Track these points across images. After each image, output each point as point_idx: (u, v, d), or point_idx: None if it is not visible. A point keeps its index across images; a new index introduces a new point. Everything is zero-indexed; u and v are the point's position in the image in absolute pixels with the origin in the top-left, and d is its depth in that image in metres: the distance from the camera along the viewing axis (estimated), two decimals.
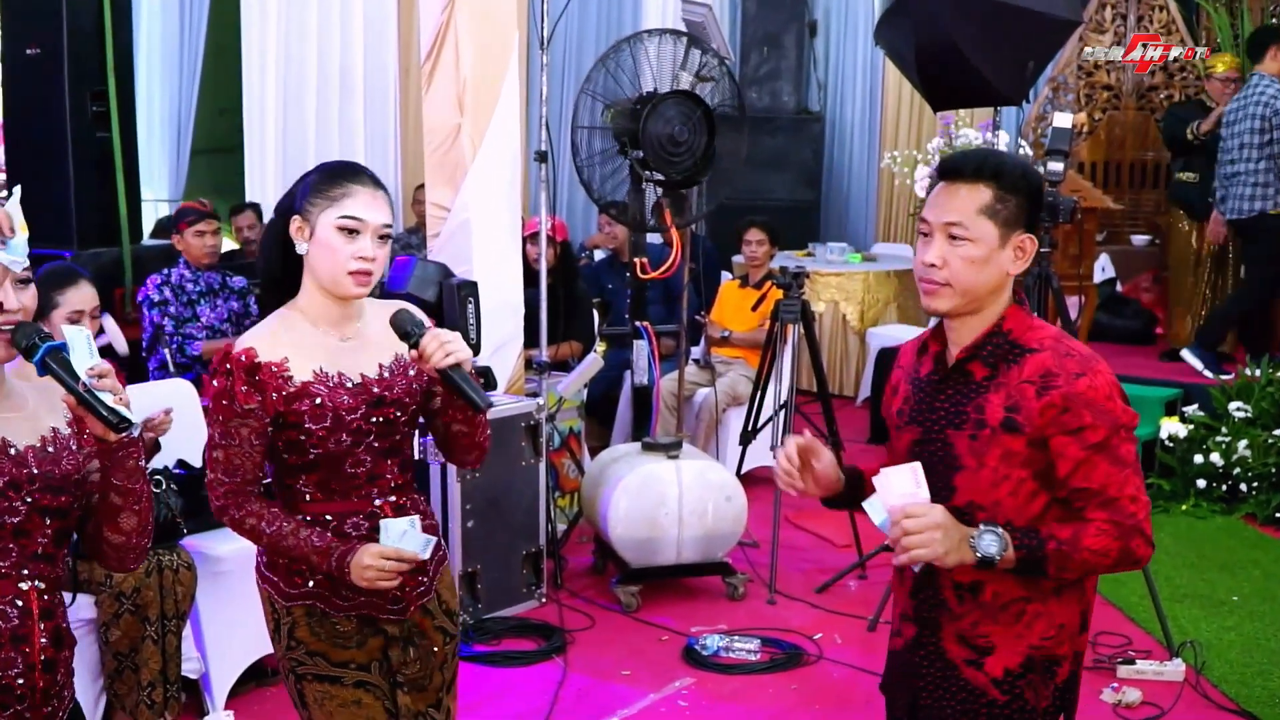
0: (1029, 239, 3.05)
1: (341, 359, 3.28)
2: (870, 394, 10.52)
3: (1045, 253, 6.57)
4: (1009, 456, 2.97)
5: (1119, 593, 6.88)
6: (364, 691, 3.37)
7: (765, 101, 13.74)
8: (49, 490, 2.74)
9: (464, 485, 6.28)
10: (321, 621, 3.32)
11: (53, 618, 2.80)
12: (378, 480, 3.32)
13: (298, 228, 3.25)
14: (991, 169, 3.03)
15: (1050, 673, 3.05)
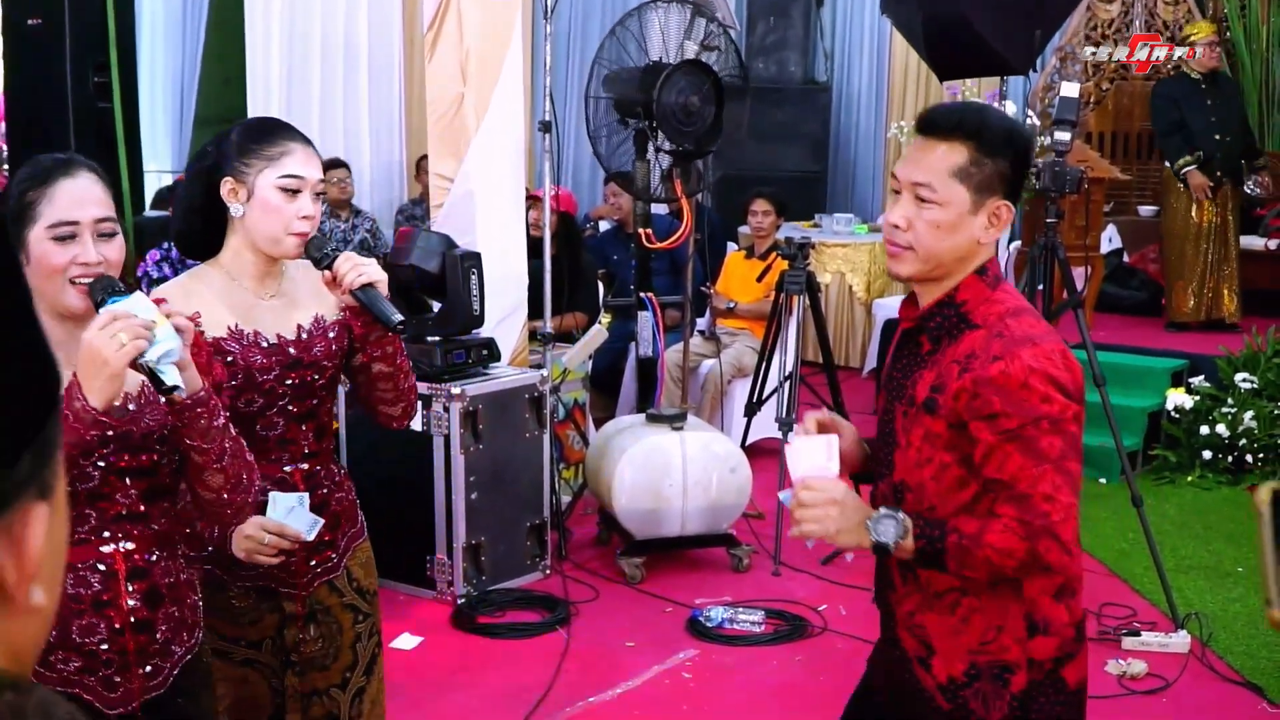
0: (1006, 206, 2.81)
1: (258, 318, 3.20)
2: (876, 365, 10.49)
3: (1052, 223, 6.55)
4: (931, 438, 2.78)
5: (1124, 564, 6.88)
6: (250, 669, 3.29)
7: (771, 72, 13.68)
8: (126, 450, 2.71)
9: (468, 457, 6.26)
10: (216, 594, 3.21)
11: (146, 577, 2.76)
12: (289, 445, 3.23)
13: (231, 189, 3.14)
14: (971, 127, 2.78)
15: (1002, 681, 2.80)
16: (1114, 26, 12.08)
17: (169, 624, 2.82)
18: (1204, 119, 9.64)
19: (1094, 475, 8.39)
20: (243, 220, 3.17)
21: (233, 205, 3.16)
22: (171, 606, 2.82)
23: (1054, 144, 6.55)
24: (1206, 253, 9.74)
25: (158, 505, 2.78)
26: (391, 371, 3.30)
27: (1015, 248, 10.35)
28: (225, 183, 3.16)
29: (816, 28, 13.87)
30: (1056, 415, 2.70)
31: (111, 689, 2.74)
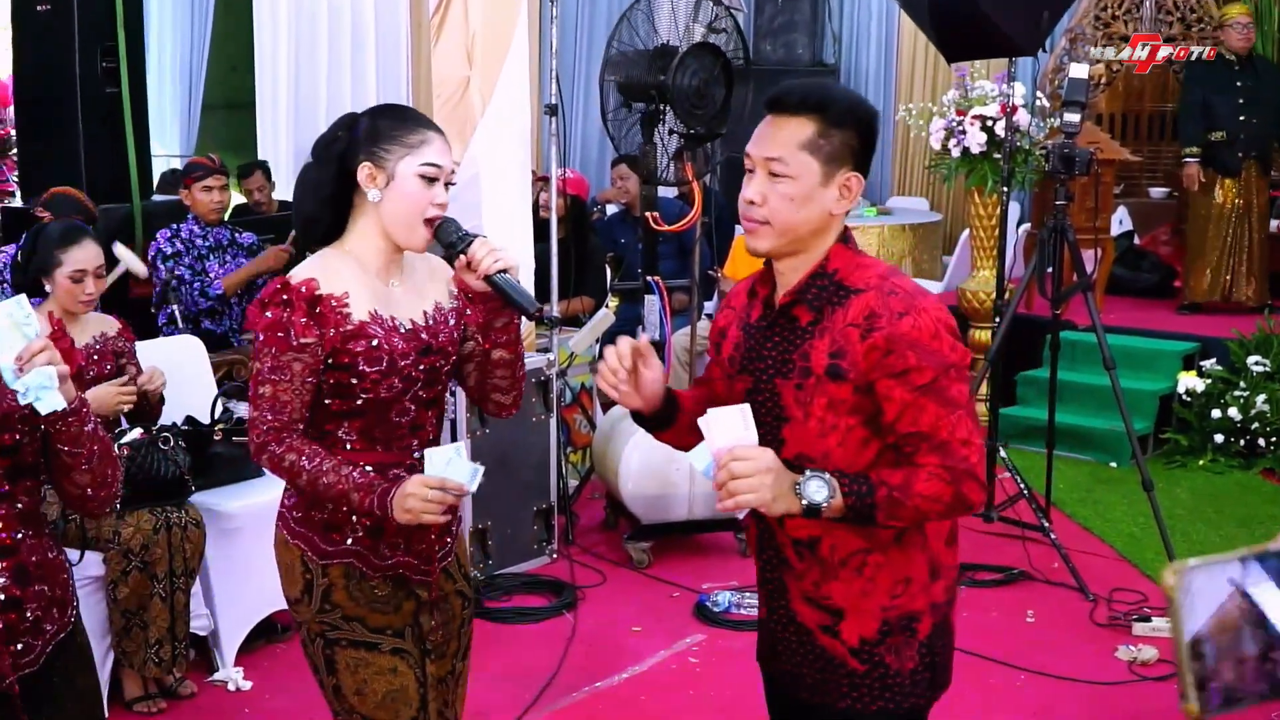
0: (855, 177, 2.88)
1: (392, 304, 3.18)
2: None
3: (1061, 205, 6.52)
4: (835, 405, 2.82)
5: (1134, 549, 6.86)
6: (399, 659, 3.26)
7: (779, 54, 13.64)
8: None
9: (475, 441, 6.25)
10: (360, 584, 3.21)
11: (14, 554, 2.76)
12: (419, 431, 3.21)
13: (369, 174, 3.11)
14: (816, 101, 2.85)
15: (910, 631, 2.91)
16: (1124, 7, 12.03)
17: (38, 602, 2.81)
18: (1232, 100, 9.61)
19: (1104, 459, 8.37)
20: (378, 206, 3.14)
21: (370, 190, 3.13)
22: (40, 585, 2.82)
23: (1063, 125, 6.53)
24: (1226, 235, 9.71)
25: (21, 484, 2.78)
26: (512, 359, 3.30)
27: (1024, 230, 10.32)
28: (363, 168, 3.13)
29: (824, 9, 13.82)
30: (959, 362, 2.80)
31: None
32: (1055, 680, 5.48)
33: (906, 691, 2.93)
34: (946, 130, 8.82)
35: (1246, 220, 9.71)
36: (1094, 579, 6.34)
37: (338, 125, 3.24)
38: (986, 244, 9.14)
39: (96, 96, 8.07)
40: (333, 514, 3.18)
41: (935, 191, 13.08)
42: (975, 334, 9.21)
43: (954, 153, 8.81)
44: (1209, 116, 9.70)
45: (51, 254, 4.98)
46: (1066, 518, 7.32)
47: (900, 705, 2.94)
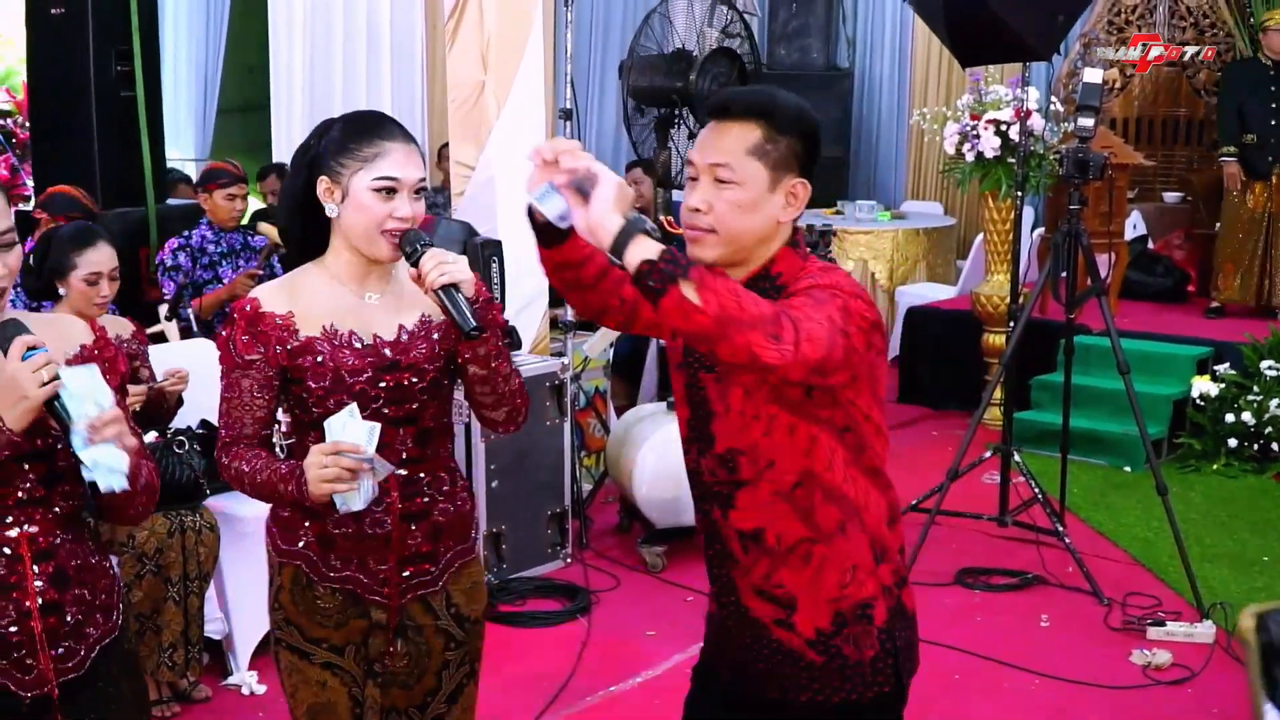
0: (801, 184, 2.85)
1: (356, 318, 3.13)
2: (899, 353, 10.47)
3: (1075, 210, 6.52)
4: (751, 393, 2.82)
5: (1148, 553, 6.86)
6: (330, 674, 3.21)
7: (794, 58, 13.63)
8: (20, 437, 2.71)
9: (489, 445, 6.26)
10: (304, 592, 3.18)
11: (52, 558, 2.76)
12: (382, 450, 3.06)
13: (326, 189, 3.08)
14: (762, 107, 2.83)
15: (866, 619, 2.90)
16: (1138, 12, 12.01)
17: (79, 606, 2.80)
18: (1265, 104, 9.64)
19: (1118, 463, 8.36)
20: (338, 221, 3.11)
21: (328, 205, 3.10)
22: (80, 589, 2.81)
23: (1077, 130, 6.52)
24: (1258, 239, 9.71)
25: (58, 488, 2.78)
26: (486, 374, 3.18)
27: (1038, 234, 10.31)
28: (321, 182, 3.09)
29: (839, 14, 13.82)
30: (850, 307, 2.70)
31: (25, 671, 2.74)
32: (1069, 684, 5.48)
33: (869, 681, 2.93)
34: (961, 135, 8.82)
35: (1277, 224, 9.71)
36: (1108, 583, 6.34)
37: (312, 133, 3.22)
38: (1000, 248, 9.14)
39: (111, 100, 8.08)
40: (291, 515, 3.20)
41: (949, 196, 13.07)
42: (989, 338, 9.21)
43: (968, 157, 8.81)
44: (1243, 117, 9.71)
45: (66, 256, 4.98)
46: (1081, 522, 7.32)
47: (864, 695, 2.93)
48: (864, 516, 2.90)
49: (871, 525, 2.92)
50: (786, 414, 2.81)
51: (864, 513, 2.90)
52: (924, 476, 7.25)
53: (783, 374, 2.58)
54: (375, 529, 3.14)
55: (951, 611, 6.22)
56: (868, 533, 2.91)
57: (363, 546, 3.16)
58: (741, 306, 2.53)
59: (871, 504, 2.92)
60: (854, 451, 2.88)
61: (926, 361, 10.13)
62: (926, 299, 10.76)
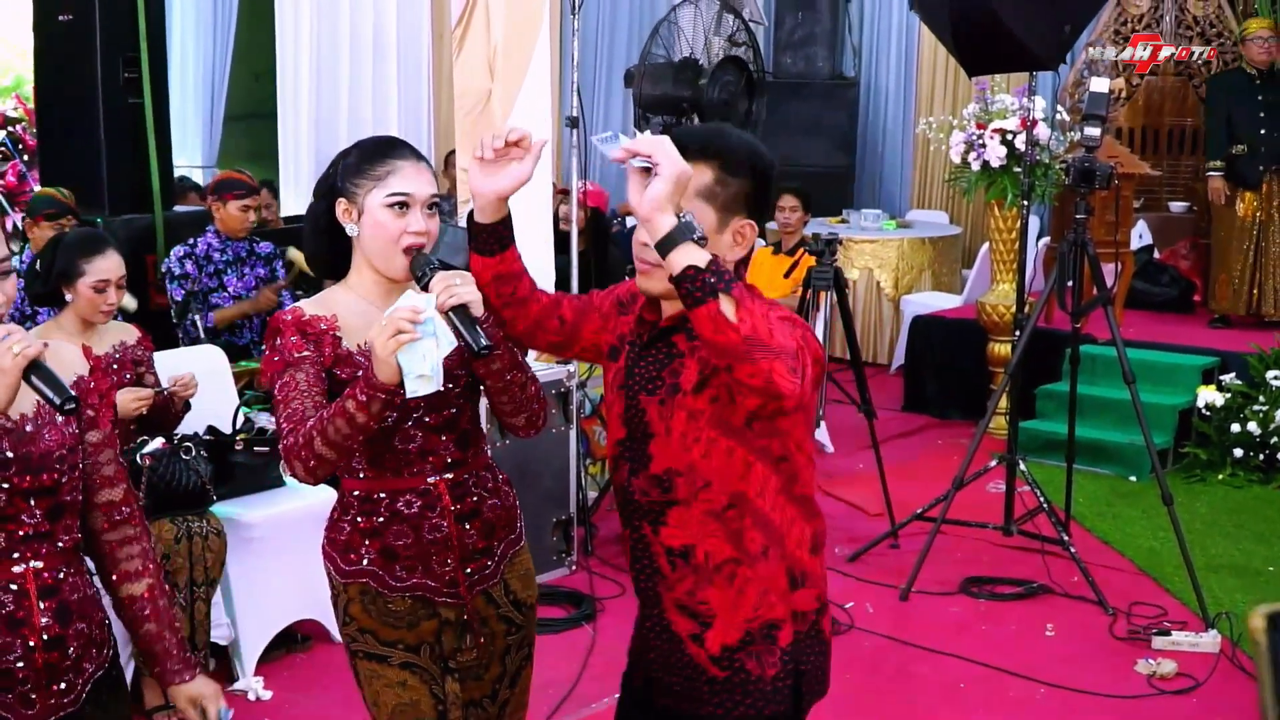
0: (749, 225, 2.92)
1: None
2: (905, 362, 10.48)
3: (1081, 219, 6.52)
4: (694, 416, 2.89)
5: (1154, 563, 6.85)
6: (410, 673, 3.28)
7: (799, 67, 13.64)
8: (27, 471, 2.72)
9: (494, 452, 6.22)
10: (374, 600, 3.25)
11: (57, 594, 2.78)
12: (430, 456, 3.22)
13: (344, 210, 3.19)
14: (715, 148, 2.89)
15: (770, 638, 2.96)
16: (1144, 22, 12.02)
17: (79, 641, 2.83)
18: (1253, 113, 9.63)
19: (1124, 473, 8.36)
20: (359, 240, 3.20)
21: (348, 226, 3.20)
22: (80, 623, 2.83)
23: (1084, 140, 6.52)
24: (1248, 248, 9.71)
25: (61, 522, 2.80)
26: (502, 386, 3.25)
27: (1044, 244, 10.32)
28: (339, 204, 3.20)
29: (844, 22, 13.83)
30: (809, 339, 2.79)
31: (28, 706, 2.76)
32: (1074, 694, 5.48)
33: (769, 698, 2.98)
34: (966, 144, 8.82)
35: (1268, 233, 9.70)
36: (1113, 593, 6.33)
37: (331, 162, 3.32)
38: (1006, 257, 9.14)
39: (118, 107, 8.08)
40: (350, 535, 3.25)
41: (955, 205, 13.07)
42: (995, 347, 9.21)
43: (974, 166, 8.82)
44: (1230, 129, 9.71)
45: (74, 263, 5.00)
46: (1086, 531, 7.31)
47: (762, 712, 2.99)
48: (785, 543, 2.97)
49: (791, 551, 2.98)
50: (726, 439, 2.90)
51: (785, 539, 2.97)
52: (929, 485, 7.25)
53: (789, 404, 2.65)
54: (434, 534, 3.24)
55: (956, 620, 6.22)
56: (786, 559, 2.97)
57: (425, 552, 3.24)
58: (772, 334, 2.61)
59: (794, 532, 2.98)
60: (786, 480, 2.96)
61: (931, 371, 10.12)
62: (932, 308, 10.76)
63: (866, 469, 7.87)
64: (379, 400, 2.95)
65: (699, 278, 2.60)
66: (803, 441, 2.96)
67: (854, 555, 6.93)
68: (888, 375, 11.06)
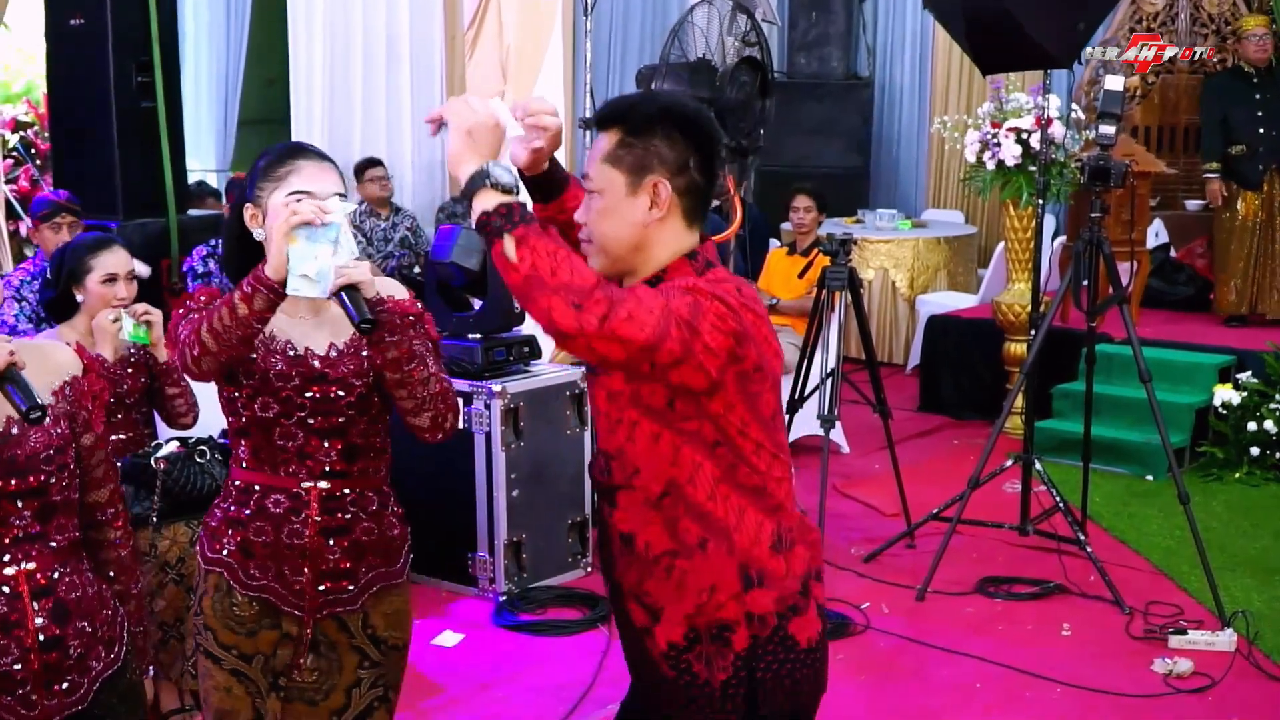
0: (661, 183, 2.82)
1: (289, 331, 3.22)
2: (920, 362, 10.46)
3: (1097, 218, 6.50)
4: (614, 396, 2.87)
5: (1170, 562, 6.83)
6: (236, 680, 3.24)
7: (814, 67, 13.63)
8: (13, 474, 2.72)
9: (509, 455, 6.26)
10: (224, 599, 3.22)
11: (51, 594, 2.78)
12: (308, 460, 3.19)
13: (251, 215, 3.17)
14: (618, 112, 2.88)
15: (723, 641, 2.85)
16: (1159, 20, 11.97)
17: (80, 639, 2.82)
18: (1251, 113, 9.59)
19: (1140, 472, 8.33)
20: (266, 243, 3.15)
21: (255, 230, 3.19)
22: (81, 621, 2.82)
23: (1099, 138, 6.50)
24: (1250, 248, 9.67)
25: (53, 522, 2.80)
26: (400, 378, 3.18)
27: (1060, 243, 10.29)
28: (246, 209, 3.20)
29: (859, 22, 13.81)
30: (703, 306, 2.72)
31: (29, 707, 2.76)
32: (1091, 693, 5.46)
33: (717, 705, 2.88)
34: (981, 143, 8.81)
35: (1269, 232, 9.68)
36: (1130, 592, 6.31)
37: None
38: (1021, 257, 9.12)
39: (131, 111, 8.09)
40: (219, 524, 3.25)
41: (970, 204, 13.05)
42: (1010, 347, 9.19)
43: (989, 165, 8.80)
44: (1228, 130, 9.68)
45: (82, 261, 5.02)
46: (1102, 531, 7.29)
47: (708, 718, 2.90)
48: (733, 538, 2.86)
49: (743, 548, 2.86)
50: (649, 421, 2.84)
51: (733, 534, 2.86)
52: (945, 485, 7.24)
53: (585, 344, 2.62)
54: (293, 539, 3.20)
55: (973, 621, 6.20)
56: (736, 555, 2.86)
57: (280, 556, 3.21)
58: (554, 271, 2.60)
59: (747, 526, 2.87)
60: (726, 468, 2.85)
61: (947, 370, 10.10)
62: (947, 308, 10.74)
63: (882, 469, 7.86)
64: (261, 294, 2.96)
65: (488, 223, 2.64)
66: (748, 427, 2.84)
67: (870, 556, 6.91)
68: (903, 375, 11.05)
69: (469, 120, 2.74)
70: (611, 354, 2.64)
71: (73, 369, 2.91)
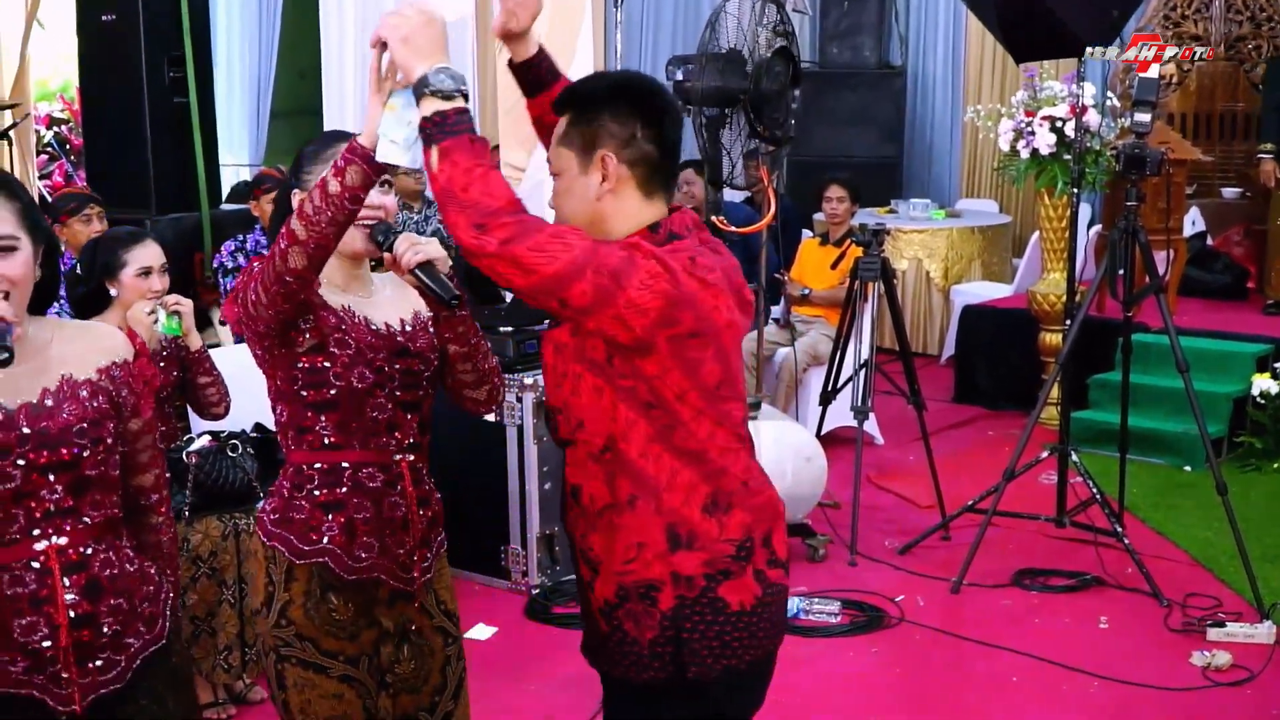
0: (609, 155, 2.91)
1: (362, 308, 3.23)
2: (955, 352, 10.41)
3: (1132, 206, 6.45)
4: (560, 349, 2.93)
5: (1208, 553, 6.78)
6: (347, 686, 3.21)
7: (846, 57, 13.57)
8: (45, 447, 2.70)
9: (540, 447, 6.24)
10: (318, 605, 3.17)
11: (84, 569, 2.73)
12: (396, 432, 3.20)
13: (300, 201, 3.10)
14: (569, 95, 3.00)
15: (650, 600, 2.91)
16: (1194, 6, 11.90)
17: (115, 616, 2.77)
18: None
19: (1178, 463, 8.28)
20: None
21: None
22: (116, 598, 2.78)
23: (1134, 125, 6.45)
24: None
25: (87, 497, 2.76)
26: (467, 351, 3.26)
27: (1095, 231, 10.23)
28: (294, 194, 3.21)
29: (891, 12, 13.74)
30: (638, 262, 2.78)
31: (60, 685, 2.72)
32: (1128, 686, 5.43)
33: (645, 663, 2.94)
34: (1015, 131, 8.75)
35: None
36: (1168, 584, 6.27)
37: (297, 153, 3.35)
38: (1056, 246, 9.07)
39: (164, 106, 8.12)
40: (310, 513, 3.17)
41: (1004, 193, 12.99)
42: (1046, 337, 9.15)
43: (1023, 154, 8.74)
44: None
45: (116, 254, 5.03)
46: (1140, 522, 7.25)
47: (637, 676, 2.97)
48: (662, 497, 2.90)
49: (671, 507, 2.90)
50: (591, 375, 2.89)
51: (663, 493, 2.90)
52: (980, 477, 7.20)
53: (487, 264, 2.70)
54: (393, 511, 3.20)
55: (1009, 613, 6.17)
56: (664, 515, 2.90)
57: (383, 529, 3.19)
58: (466, 188, 2.67)
59: (680, 486, 2.90)
60: (661, 429, 2.89)
61: (982, 361, 10.05)
62: (982, 298, 10.69)
63: (917, 461, 7.83)
64: (356, 165, 2.89)
65: (424, 130, 2.71)
66: (685, 393, 2.88)
67: (904, 548, 6.88)
68: (938, 366, 11.01)
69: (403, 29, 2.78)
70: (513, 279, 2.73)
71: (124, 353, 2.89)
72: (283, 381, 3.18)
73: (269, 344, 3.13)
